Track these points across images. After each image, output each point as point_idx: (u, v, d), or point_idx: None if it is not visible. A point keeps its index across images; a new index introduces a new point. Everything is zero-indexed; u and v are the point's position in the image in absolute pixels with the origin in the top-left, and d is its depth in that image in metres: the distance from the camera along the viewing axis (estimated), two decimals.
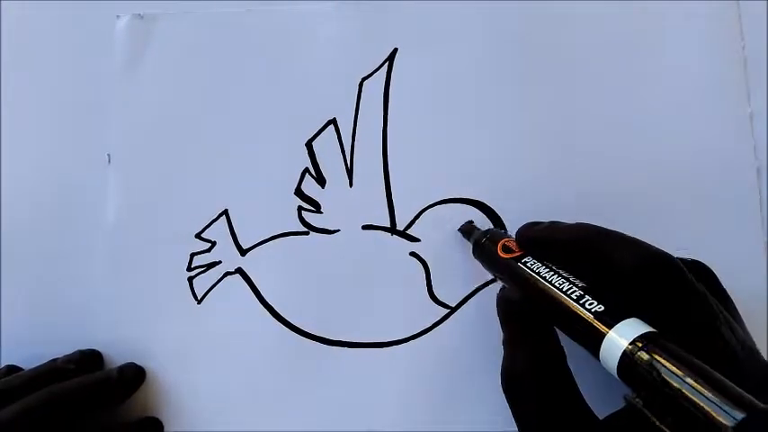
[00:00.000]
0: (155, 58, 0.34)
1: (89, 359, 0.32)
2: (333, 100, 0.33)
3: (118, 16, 0.34)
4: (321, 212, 0.33)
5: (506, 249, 0.27)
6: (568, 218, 0.31)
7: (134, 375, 0.31)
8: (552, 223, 0.27)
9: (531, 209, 0.32)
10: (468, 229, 0.31)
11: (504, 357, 0.25)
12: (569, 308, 0.23)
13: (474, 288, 0.32)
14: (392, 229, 0.32)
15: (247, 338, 0.32)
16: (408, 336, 0.31)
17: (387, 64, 0.33)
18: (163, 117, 0.34)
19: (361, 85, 0.33)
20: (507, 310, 0.26)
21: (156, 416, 0.32)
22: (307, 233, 0.33)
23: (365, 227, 0.32)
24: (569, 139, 0.32)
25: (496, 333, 0.31)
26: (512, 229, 0.31)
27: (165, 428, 0.32)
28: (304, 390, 0.32)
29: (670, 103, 0.32)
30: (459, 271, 0.32)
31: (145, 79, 0.34)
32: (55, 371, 0.30)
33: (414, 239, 0.32)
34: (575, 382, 0.23)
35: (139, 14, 0.34)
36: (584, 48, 0.33)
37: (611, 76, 0.33)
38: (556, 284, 0.24)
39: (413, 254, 0.32)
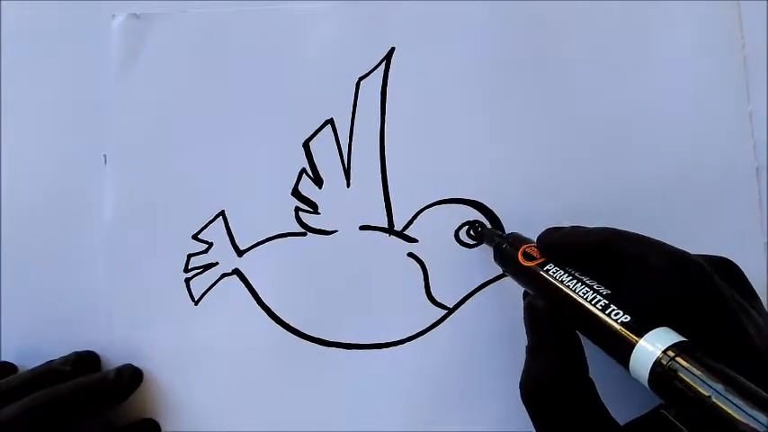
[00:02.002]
0: (151, 57, 0.34)
1: (85, 360, 0.32)
2: (330, 100, 0.33)
3: (114, 16, 0.34)
4: (318, 213, 0.33)
5: (527, 256, 0.26)
6: (567, 217, 0.31)
7: (131, 377, 0.31)
8: (574, 228, 0.26)
9: (529, 209, 0.32)
10: (487, 233, 0.31)
11: (525, 364, 0.24)
12: (596, 317, 0.22)
13: (472, 289, 0.31)
14: (390, 230, 0.32)
15: (245, 340, 0.32)
16: (406, 337, 0.31)
17: (384, 63, 0.33)
18: (159, 117, 0.34)
19: (358, 84, 0.33)
20: (532, 317, 0.25)
21: (154, 417, 0.32)
22: (304, 234, 0.33)
23: (362, 227, 0.32)
24: (568, 138, 0.32)
25: (494, 334, 0.31)
26: (510, 229, 0.31)
27: (163, 429, 0.32)
28: (301, 391, 0.31)
29: (670, 102, 0.32)
30: (457, 272, 0.32)
31: (141, 79, 0.34)
32: (51, 372, 0.30)
33: (411, 240, 0.32)
34: (596, 390, 0.23)
35: (135, 14, 0.34)
36: (584, 47, 0.33)
37: (611, 75, 0.32)
38: (580, 293, 0.23)
39: (410, 254, 0.32)
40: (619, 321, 0.21)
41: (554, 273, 0.25)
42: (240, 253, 0.33)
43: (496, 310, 0.31)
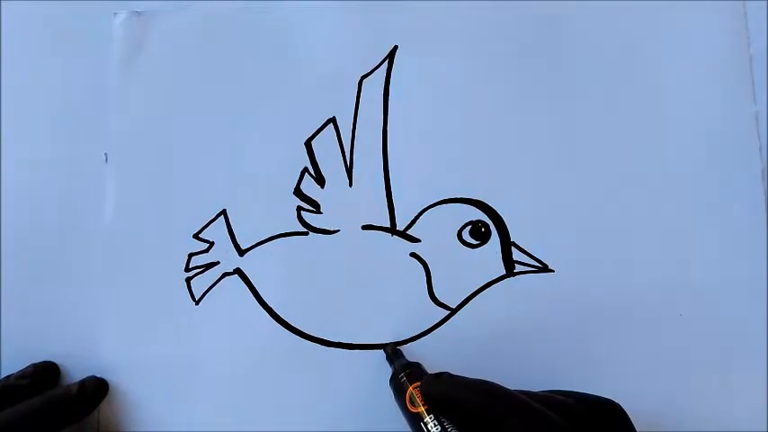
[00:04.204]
0: (152, 55, 0.34)
1: (43, 372, 0.31)
2: (332, 98, 0.33)
3: (115, 13, 0.34)
4: (320, 212, 0.32)
5: (413, 401, 0.27)
6: (570, 215, 0.31)
7: (95, 389, 0.31)
8: (451, 378, 0.26)
9: (532, 208, 0.32)
10: (393, 354, 0.30)
11: None
12: None
13: (475, 289, 0.31)
14: (392, 230, 0.32)
15: (246, 339, 0.32)
16: (408, 337, 0.31)
17: (387, 62, 0.33)
18: (160, 116, 0.33)
19: (360, 83, 0.33)
20: None
21: (154, 415, 0.31)
22: (306, 233, 0.32)
23: (365, 227, 0.32)
24: (571, 137, 0.32)
25: (497, 335, 0.31)
26: (514, 230, 0.31)
27: (164, 428, 0.31)
28: (303, 391, 0.31)
29: (675, 102, 0.32)
30: (460, 272, 0.31)
31: (142, 77, 0.34)
32: (9, 388, 0.30)
33: (414, 240, 0.32)
34: None
35: (137, 11, 0.34)
36: (588, 46, 0.33)
37: (615, 75, 0.32)
38: None
39: (413, 254, 0.32)
40: None
41: (431, 428, 0.25)
42: (242, 252, 0.32)
43: (499, 310, 0.31)
